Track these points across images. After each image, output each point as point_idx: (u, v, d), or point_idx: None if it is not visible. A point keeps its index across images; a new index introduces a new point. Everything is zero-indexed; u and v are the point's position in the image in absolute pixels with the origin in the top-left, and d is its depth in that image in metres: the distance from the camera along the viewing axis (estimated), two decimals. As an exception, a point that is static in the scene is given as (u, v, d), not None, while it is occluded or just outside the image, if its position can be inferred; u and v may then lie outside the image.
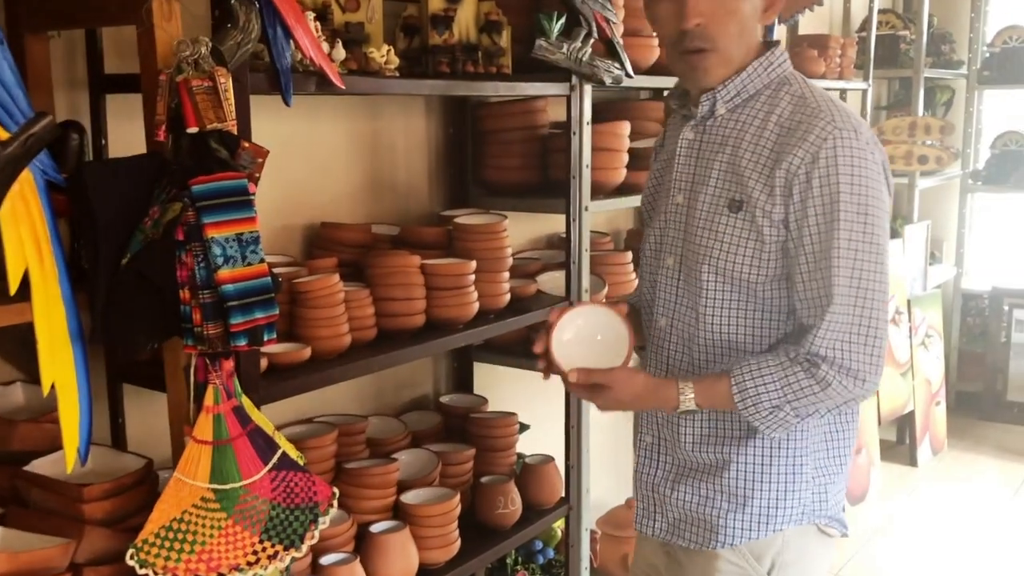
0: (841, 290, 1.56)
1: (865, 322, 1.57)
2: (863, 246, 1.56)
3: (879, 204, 1.58)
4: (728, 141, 1.69)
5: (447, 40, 2.41)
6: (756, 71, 1.69)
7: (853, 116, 1.63)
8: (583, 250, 2.66)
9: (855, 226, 1.56)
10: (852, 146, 1.57)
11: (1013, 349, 5.50)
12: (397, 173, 2.69)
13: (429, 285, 2.27)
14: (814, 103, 1.63)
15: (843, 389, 1.58)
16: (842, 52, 4.10)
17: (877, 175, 1.59)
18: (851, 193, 1.56)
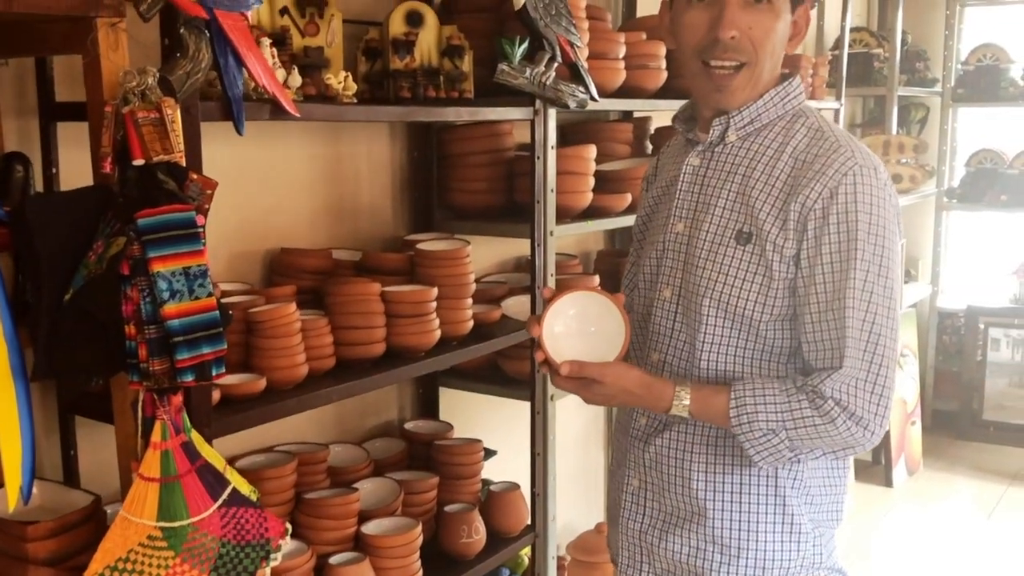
0: (853, 333, 1.50)
1: (875, 369, 1.51)
2: (878, 289, 1.52)
3: (894, 248, 1.54)
4: (738, 170, 1.63)
5: (408, 64, 2.39)
6: (772, 100, 1.64)
7: (872, 155, 1.59)
8: (549, 274, 2.64)
9: (871, 267, 1.51)
10: (872, 184, 1.53)
11: (989, 368, 5.50)
12: (360, 197, 2.67)
13: (390, 312, 2.24)
14: (832, 138, 1.59)
15: (847, 432, 1.51)
16: (814, 71, 4.09)
17: (894, 218, 1.56)
18: (869, 233, 1.51)
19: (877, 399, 1.51)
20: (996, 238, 5.77)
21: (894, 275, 1.54)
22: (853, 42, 5.19)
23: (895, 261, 1.54)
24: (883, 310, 1.52)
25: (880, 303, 1.52)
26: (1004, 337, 5.48)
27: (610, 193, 2.92)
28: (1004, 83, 5.39)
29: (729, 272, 1.60)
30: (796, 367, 1.62)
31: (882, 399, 1.51)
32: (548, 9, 2.44)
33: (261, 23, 2.18)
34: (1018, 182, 5.37)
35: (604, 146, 3.15)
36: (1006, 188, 5.39)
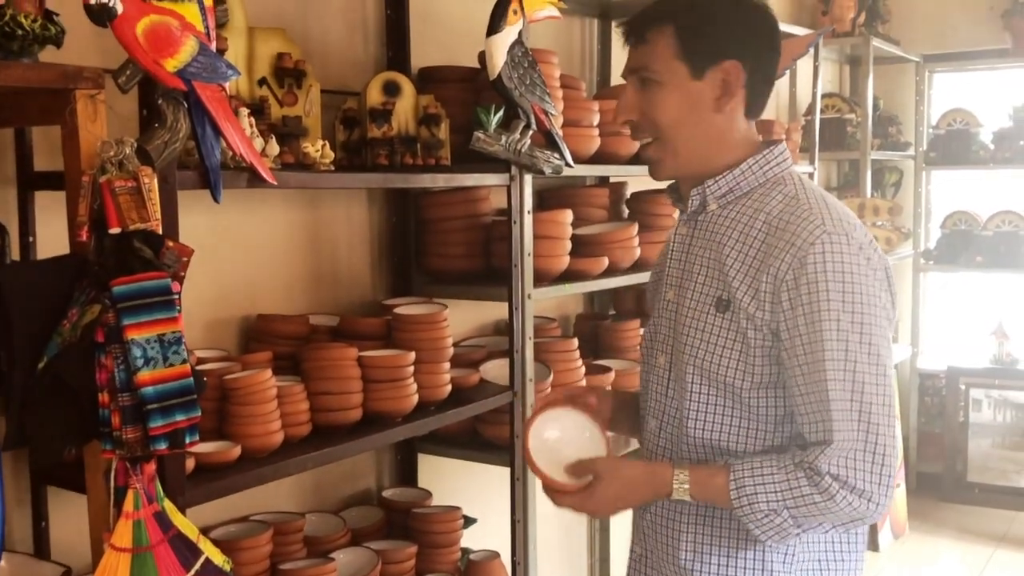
0: (840, 405, 1.47)
1: (872, 439, 1.47)
2: (862, 357, 1.48)
3: (876, 312, 1.50)
4: (717, 237, 1.62)
5: (386, 133, 2.42)
6: (751, 168, 1.62)
7: (847, 219, 1.55)
8: (527, 338, 2.65)
9: (850, 335, 1.48)
10: (843, 251, 1.49)
11: (971, 429, 5.50)
12: (338, 263, 2.68)
13: (366, 377, 2.24)
14: (806, 204, 1.55)
15: (848, 506, 1.47)
16: (787, 136, 4.15)
17: (872, 281, 1.51)
18: (843, 301, 1.48)
19: (879, 469, 1.47)
20: (973, 299, 5.82)
21: (879, 340, 1.50)
22: (825, 108, 5.28)
23: (879, 325, 1.50)
24: (871, 377, 1.48)
25: (866, 371, 1.48)
26: (985, 398, 5.49)
27: (587, 257, 2.94)
28: (975, 146, 5.49)
29: (709, 340, 1.59)
30: (786, 435, 1.60)
31: (883, 468, 1.47)
32: (523, 79, 2.48)
33: (240, 93, 2.21)
34: (992, 243, 5.43)
35: (581, 211, 3.18)
36: (981, 249, 5.46)
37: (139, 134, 1.77)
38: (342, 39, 2.68)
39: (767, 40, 1.63)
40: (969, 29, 5.57)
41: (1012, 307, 5.57)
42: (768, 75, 1.64)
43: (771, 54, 1.63)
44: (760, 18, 1.62)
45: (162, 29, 1.70)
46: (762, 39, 1.62)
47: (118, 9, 1.63)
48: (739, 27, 1.60)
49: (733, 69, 1.58)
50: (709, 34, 1.58)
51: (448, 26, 2.95)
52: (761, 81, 1.63)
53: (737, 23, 1.60)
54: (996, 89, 5.66)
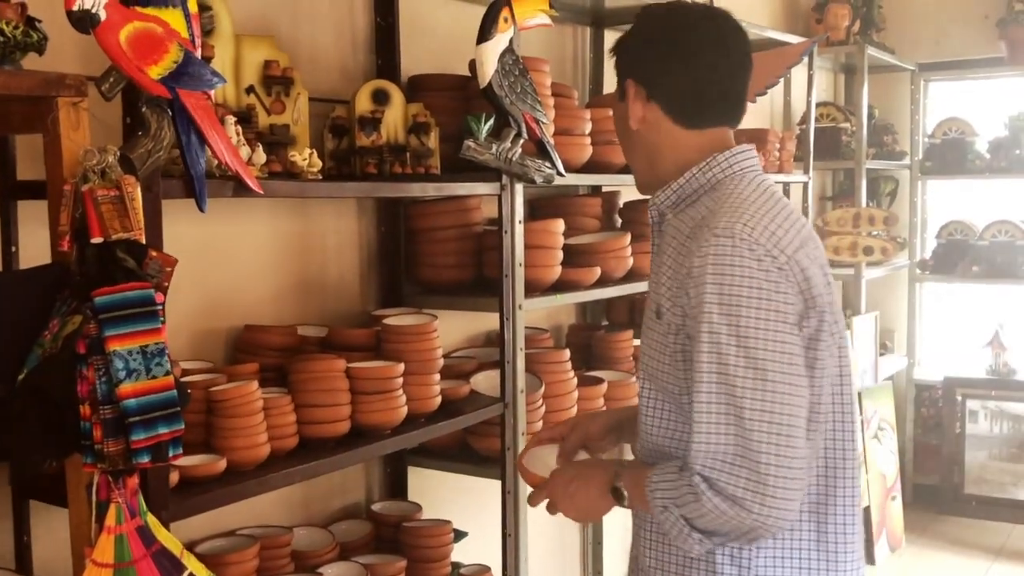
0: (702, 407, 1.46)
1: (745, 443, 1.42)
2: (735, 360, 1.44)
3: (757, 314, 1.45)
4: (664, 247, 1.64)
5: (375, 141, 2.40)
6: (694, 175, 1.62)
7: (748, 219, 1.50)
8: (518, 349, 2.62)
9: (722, 337, 1.45)
10: (721, 252, 1.48)
11: (968, 440, 5.47)
12: (327, 273, 2.65)
13: (355, 389, 2.21)
14: (724, 206, 1.54)
15: (717, 510, 1.43)
16: (781, 145, 4.14)
17: (763, 283, 1.47)
18: (719, 303, 1.46)
19: (755, 476, 1.41)
20: (970, 309, 5.80)
21: (760, 343, 1.45)
22: (820, 117, 5.26)
23: (763, 329, 1.45)
24: (746, 381, 1.44)
25: (740, 373, 1.44)
26: (982, 409, 5.46)
27: (579, 267, 2.92)
28: (971, 156, 5.47)
29: (652, 346, 1.62)
30: None
31: (761, 476, 1.41)
32: (513, 87, 2.46)
33: (227, 101, 2.19)
34: (989, 253, 5.41)
35: (574, 220, 3.16)
36: (977, 259, 5.44)
37: (123, 142, 1.75)
38: (331, 47, 2.65)
39: (666, 51, 1.63)
40: (964, 38, 5.57)
41: (1009, 317, 5.55)
42: (683, 84, 1.63)
43: (673, 63, 1.63)
44: (660, 30, 1.66)
45: (146, 36, 1.68)
46: (660, 50, 1.64)
47: (101, 16, 1.61)
48: (639, 45, 1.68)
49: (631, 86, 1.66)
50: (620, 58, 1.71)
51: (438, 34, 2.93)
52: (673, 92, 1.64)
53: (638, 42, 1.68)
54: (991, 98, 5.65)
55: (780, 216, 1.55)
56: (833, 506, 1.58)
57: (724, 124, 1.67)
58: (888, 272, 5.55)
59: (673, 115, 1.64)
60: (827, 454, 1.57)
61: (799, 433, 1.44)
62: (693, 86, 1.63)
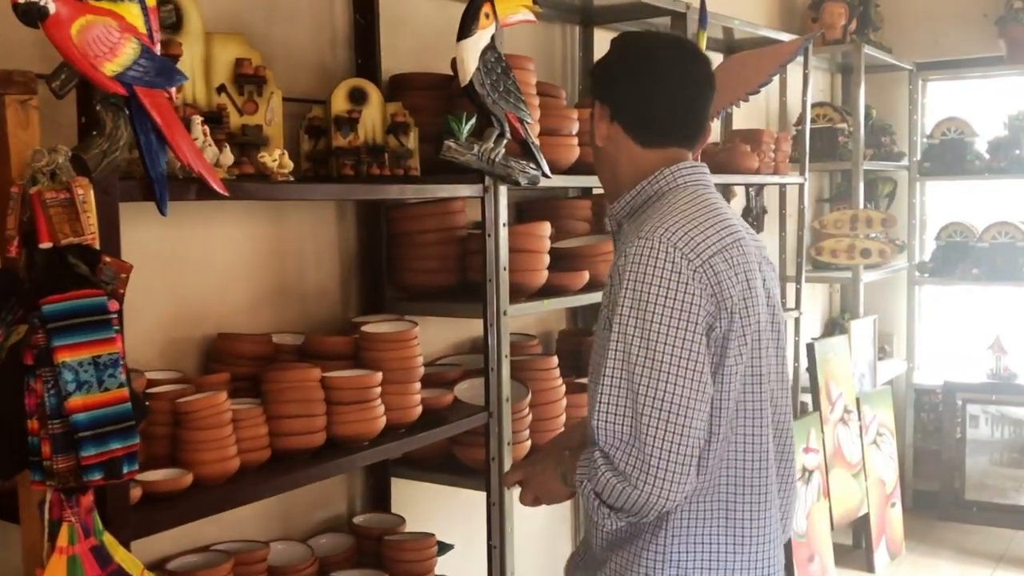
0: (606, 389, 1.61)
1: (638, 426, 1.58)
2: (638, 350, 1.60)
3: (663, 311, 1.60)
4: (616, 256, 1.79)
5: (352, 142, 2.32)
6: (643, 187, 1.78)
7: (671, 224, 1.65)
8: (503, 356, 2.53)
9: (629, 329, 1.61)
10: (641, 253, 1.63)
11: (969, 446, 5.38)
12: (306, 279, 2.57)
13: (330, 400, 2.13)
14: (658, 213, 1.69)
15: (609, 484, 1.60)
16: (776, 146, 4.05)
17: (667, 281, 1.60)
18: (632, 298, 1.62)
19: (643, 457, 1.57)
20: (970, 312, 5.72)
21: (662, 336, 1.59)
22: (816, 117, 5.18)
23: (664, 323, 1.59)
24: (645, 370, 1.58)
25: (640, 363, 1.59)
26: (983, 414, 5.37)
27: (567, 271, 2.83)
28: (970, 156, 5.39)
29: (600, 344, 1.73)
30: None
31: (649, 458, 1.57)
32: (496, 86, 2.37)
33: (197, 101, 2.11)
34: (989, 255, 5.32)
35: (563, 223, 3.08)
36: (978, 261, 5.35)
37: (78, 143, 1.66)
38: (309, 45, 2.57)
39: (630, 78, 1.78)
40: (963, 36, 5.49)
41: (1010, 320, 5.46)
42: (644, 109, 1.78)
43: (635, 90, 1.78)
44: (627, 58, 1.81)
45: (99, 30, 1.59)
46: (625, 77, 1.79)
47: (50, 8, 1.52)
48: (607, 70, 1.84)
49: (597, 107, 1.83)
50: (592, 79, 1.89)
51: (420, 32, 2.85)
52: (634, 115, 1.79)
53: (607, 67, 1.84)
54: (991, 97, 5.57)
55: (706, 222, 1.69)
56: (743, 495, 1.71)
57: (681, 144, 1.81)
58: (887, 275, 5.47)
59: (633, 135, 1.79)
60: (736, 448, 1.71)
61: (690, 423, 1.58)
62: (653, 111, 1.79)
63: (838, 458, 4.49)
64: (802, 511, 4.19)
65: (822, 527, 4.31)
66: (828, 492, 4.37)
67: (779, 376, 1.81)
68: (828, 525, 4.36)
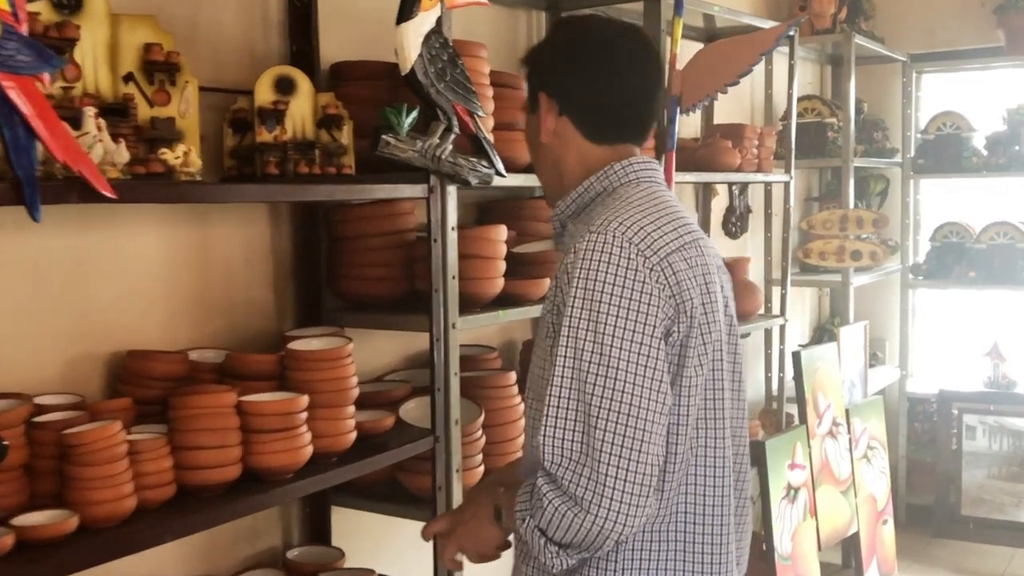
0: (554, 401, 1.44)
1: (590, 441, 1.41)
2: (590, 356, 1.43)
3: (618, 312, 1.44)
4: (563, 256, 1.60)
5: (278, 137, 2.08)
6: (592, 183, 1.63)
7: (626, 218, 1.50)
8: (451, 374, 2.30)
9: (580, 332, 1.45)
10: (593, 248, 1.47)
11: (965, 458, 5.13)
12: (233, 288, 2.32)
13: (248, 427, 1.89)
14: (607, 211, 1.54)
15: (557, 513, 1.42)
16: (759, 142, 3.81)
17: (623, 279, 1.45)
18: (583, 298, 1.45)
19: (597, 477, 1.40)
20: (967, 317, 5.49)
21: (618, 342, 1.43)
22: (805, 111, 4.95)
23: (620, 327, 1.43)
24: (598, 379, 1.42)
25: (593, 371, 1.43)
26: (980, 424, 5.13)
27: (527, 278, 2.59)
28: (966, 153, 5.15)
29: (539, 355, 1.59)
30: None
31: (604, 477, 1.40)
32: (441, 75, 2.14)
33: (101, 91, 1.88)
34: (986, 257, 5.09)
35: (525, 225, 2.84)
36: (974, 264, 5.12)
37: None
38: (238, 30, 2.33)
39: (582, 68, 1.61)
40: (959, 26, 5.25)
41: (1008, 326, 5.23)
42: (595, 102, 1.62)
43: (587, 81, 1.62)
44: (576, 46, 1.63)
45: (-55, 5, 1.35)
46: (576, 67, 1.62)
47: None
48: (551, 59, 1.65)
49: (543, 99, 1.64)
50: (532, 71, 1.69)
51: (366, 16, 2.60)
52: (586, 109, 1.63)
53: (554, 55, 1.65)
54: (989, 91, 5.33)
55: (662, 219, 1.53)
56: (701, 526, 1.56)
57: (631, 140, 1.67)
58: (879, 278, 5.24)
59: (583, 130, 1.64)
60: (696, 473, 1.55)
61: (649, 439, 1.42)
62: (605, 104, 1.63)
63: (826, 474, 4.25)
64: (787, 531, 3.95)
65: (808, 548, 4.06)
66: (815, 510, 4.13)
67: (736, 396, 1.64)
68: (815, 545, 4.12)
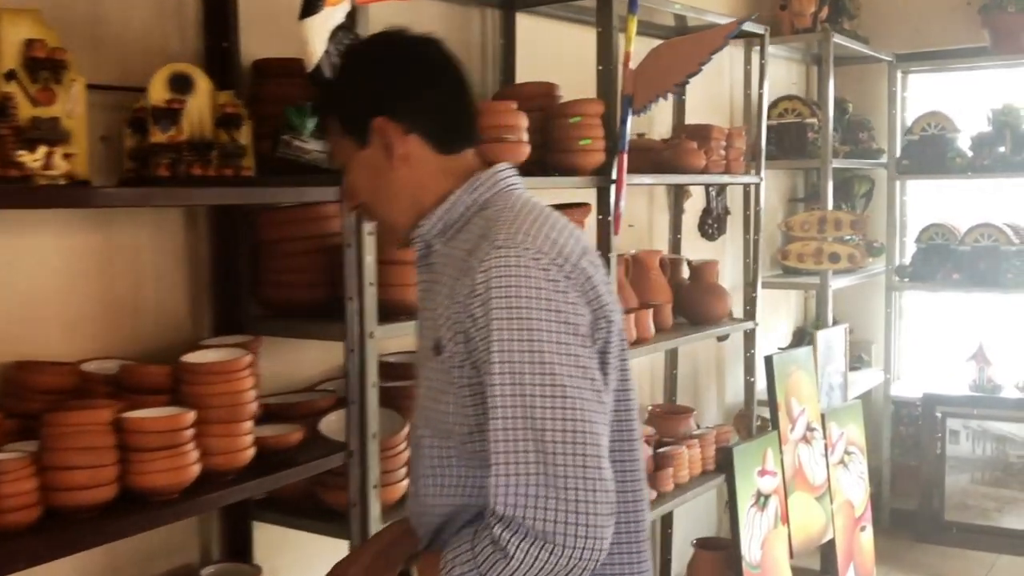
0: (500, 435, 1.32)
1: (551, 470, 1.29)
2: (531, 378, 1.32)
3: (549, 327, 1.34)
4: (438, 277, 1.52)
5: (174, 137, 1.97)
6: (460, 197, 1.52)
7: (528, 228, 1.40)
8: (369, 385, 2.20)
9: (515, 355, 1.33)
10: (505, 264, 1.36)
11: (949, 463, 5.03)
12: (143, 296, 2.23)
13: (128, 445, 1.79)
14: (497, 223, 1.43)
15: (530, 558, 1.28)
16: (728, 143, 3.70)
17: (546, 292, 1.36)
18: (508, 318, 1.34)
19: (566, 507, 1.29)
20: (952, 319, 5.36)
21: (557, 357, 1.33)
22: (785, 112, 4.84)
23: (554, 341, 1.34)
24: (547, 400, 1.32)
25: (538, 393, 1.32)
26: (963, 428, 5.02)
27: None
28: (951, 154, 5.03)
29: (432, 387, 1.48)
30: None
31: (575, 505, 1.29)
32: (351, 70, 2.03)
33: (-19, 88, 1.78)
34: (971, 259, 4.97)
35: (462, 229, 2.73)
36: (959, 266, 5.00)
37: None
38: (149, 26, 2.24)
39: (415, 78, 1.52)
40: (945, 26, 5.14)
41: (993, 329, 5.10)
42: (439, 108, 1.53)
43: (425, 89, 1.52)
44: (394, 60, 1.53)
45: None
46: (408, 79, 1.52)
47: None
48: (374, 83, 1.53)
49: (382, 124, 1.51)
50: (350, 102, 1.55)
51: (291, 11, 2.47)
52: (433, 118, 1.53)
53: (371, 80, 1.54)
54: (974, 91, 5.21)
55: (557, 225, 1.46)
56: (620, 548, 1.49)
57: (472, 145, 1.58)
58: (863, 280, 5.12)
59: (434, 142, 1.53)
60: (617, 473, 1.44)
61: (604, 452, 1.34)
62: (452, 109, 1.56)
63: (799, 480, 4.13)
64: (757, 539, 3.84)
65: (779, 555, 3.95)
66: (787, 518, 4.02)
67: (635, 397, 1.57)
68: (787, 553, 4.01)
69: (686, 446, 3.67)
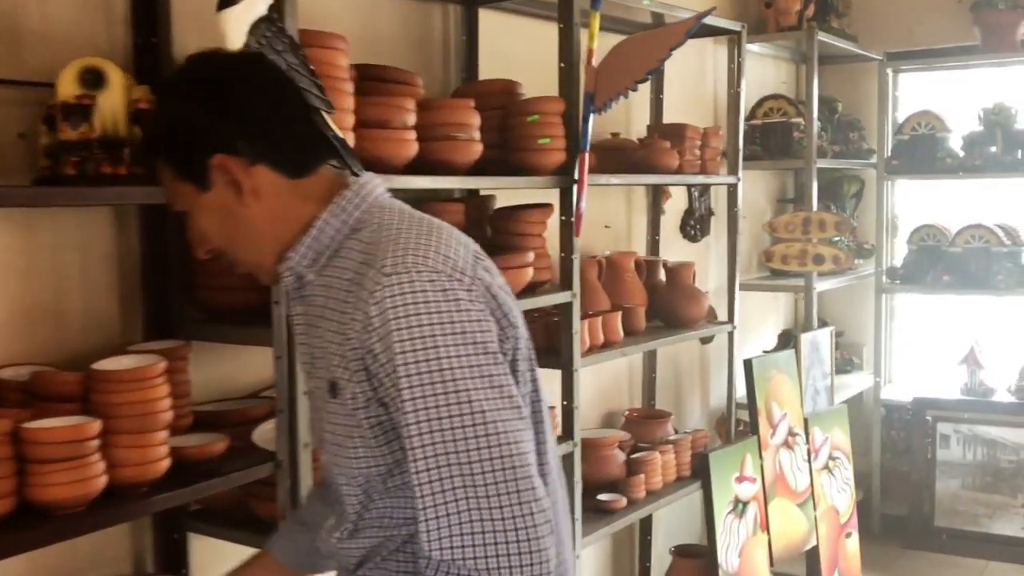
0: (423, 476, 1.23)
1: (485, 502, 1.21)
2: (447, 409, 1.23)
3: (458, 351, 1.26)
4: (319, 311, 1.41)
5: (85, 135, 1.90)
6: (327, 222, 1.40)
7: (415, 247, 1.31)
8: (299, 393, 2.11)
9: (426, 388, 1.24)
10: (399, 292, 1.27)
11: (939, 468, 4.93)
12: (69, 298, 2.15)
13: (28, 456, 1.71)
14: (377, 247, 1.33)
15: None
16: (704, 143, 3.60)
17: (448, 315, 1.27)
18: (413, 350, 1.25)
19: (505, 538, 1.21)
20: (944, 322, 5.26)
21: (471, 382, 1.25)
22: (771, 111, 4.74)
23: (465, 366, 1.25)
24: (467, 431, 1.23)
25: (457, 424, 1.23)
26: (954, 433, 4.92)
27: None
28: (941, 154, 4.93)
29: (337, 432, 1.38)
30: None
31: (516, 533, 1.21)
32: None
33: None
34: (961, 261, 4.87)
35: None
36: (949, 267, 4.89)
37: None
38: (73, 20, 2.16)
39: (253, 106, 1.39)
40: (935, 24, 5.05)
41: (984, 332, 4.99)
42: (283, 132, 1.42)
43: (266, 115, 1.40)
44: (219, 87, 1.39)
45: None
46: (245, 108, 1.39)
47: None
48: (202, 118, 1.38)
49: (222, 162, 1.37)
50: (182, 144, 1.40)
51: (227, 6, 2.42)
52: (278, 144, 1.41)
53: (198, 115, 1.38)
54: (965, 90, 5.10)
55: (444, 236, 1.37)
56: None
57: (324, 161, 1.47)
58: (853, 282, 5.02)
59: (283, 169, 1.41)
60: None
61: (533, 469, 1.26)
62: (297, 130, 1.44)
63: (780, 486, 4.03)
64: (734, 547, 3.75)
65: (759, 563, 3.86)
66: (767, 524, 3.92)
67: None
68: (767, 560, 3.91)
69: (660, 452, 3.58)
